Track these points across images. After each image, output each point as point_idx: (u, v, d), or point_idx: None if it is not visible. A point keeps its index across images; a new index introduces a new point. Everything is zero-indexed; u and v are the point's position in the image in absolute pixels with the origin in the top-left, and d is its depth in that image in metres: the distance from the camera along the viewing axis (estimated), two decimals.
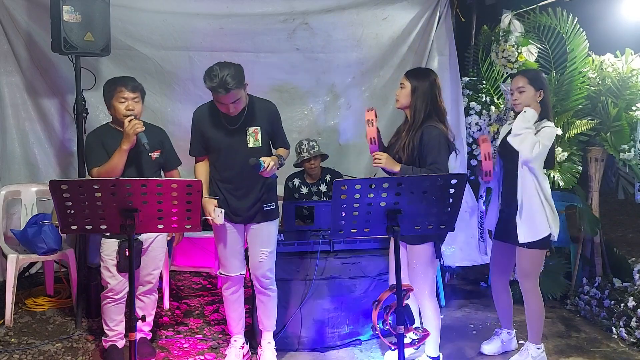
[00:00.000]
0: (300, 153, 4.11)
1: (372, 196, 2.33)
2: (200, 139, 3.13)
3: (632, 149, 3.93)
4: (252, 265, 3.21)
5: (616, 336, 3.70)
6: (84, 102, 3.66)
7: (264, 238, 3.18)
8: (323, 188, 4.20)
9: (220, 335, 3.66)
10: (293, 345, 3.48)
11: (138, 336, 2.83)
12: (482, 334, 3.72)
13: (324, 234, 3.48)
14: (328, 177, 4.20)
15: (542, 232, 3.07)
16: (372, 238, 3.51)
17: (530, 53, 4.29)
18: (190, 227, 2.46)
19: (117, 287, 3.16)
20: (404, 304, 2.43)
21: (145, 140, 3.05)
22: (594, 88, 4.14)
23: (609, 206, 6.55)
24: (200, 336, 3.67)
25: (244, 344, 3.36)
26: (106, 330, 3.25)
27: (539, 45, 4.34)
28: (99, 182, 2.32)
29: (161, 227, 2.45)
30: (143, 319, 2.41)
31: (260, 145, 3.09)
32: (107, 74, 3.94)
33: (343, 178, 4.11)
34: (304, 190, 4.21)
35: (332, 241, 3.49)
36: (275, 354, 3.30)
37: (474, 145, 4.50)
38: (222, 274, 3.25)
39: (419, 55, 4.60)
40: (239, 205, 3.12)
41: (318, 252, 3.44)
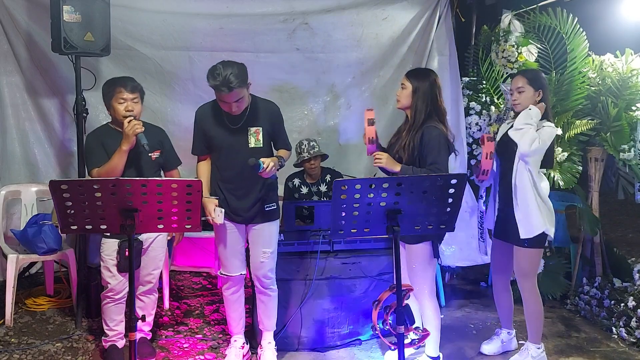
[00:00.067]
0: (301, 153, 4.11)
1: (372, 196, 2.33)
2: (203, 137, 3.13)
3: (632, 149, 3.93)
4: (254, 265, 3.22)
5: (616, 336, 3.70)
6: (84, 102, 3.67)
7: (265, 238, 3.18)
8: (323, 188, 4.20)
9: (220, 335, 3.66)
10: (293, 345, 3.48)
11: (138, 336, 2.83)
12: (482, 334, 3.73)
13: (324, 234, 3.48)
14: (328, 177, 4.20)
15: (536, 230, 3.07)
16: (372, 238, 3.51)
17: (530, 53, 4.29)
18: (190, 227, 2.46)
19: (117, 287, 3.16)
20: (404, 304, 2.44)
21: (144, 141, 3.04)
22: (594, 88, 4.14)
23: (609, 206, 6.56)
24: (200, 336, 3.67)
25: (244, 343, 3.36)
26: (106, 330, 3.25)
27: (539, 45, 4.34)
28: (99, 182, 2.32)
29: (161, 227, 2.45)
30: (143, 319, 2.41)
31: (262, 146, 3.09)
32: (107, 74, 3.94)
33: (343, 178, 4.11)
34: (304, 190, 4.21)
35: (332, 241, 3.49)
36: (276, 354, 3.30)
37: (474, 145, 4.50)
38: (222, 274, 3.25)
39: (419, 55, 4.60)
40: (239, 205, 3.12)
41: (318, 252, 3.44)
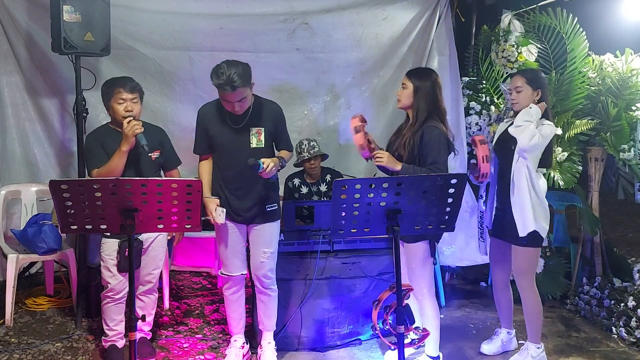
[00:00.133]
0: (301, 153, 4.11)
1: (372, 196, 2.33)
2: (205, 136, 3.13)
3: (632, 148, 3.93)
4: (254, 265, 3.21)
5: (616, 336, 3.70)
6: (84, 102, 3.67)
7: (266, 239, 3.18)
8: (323, 188, 4.20)
9: (220, 335, 3.66)
10: (293, 345, 3.48)
11: (138, 336, 2.83)
12: (482, 334, 3.72)
13: (324, 233, 3.48)
14: (328, 177, 4.20)
15: (529, 226, 3.08)
16: (372, 238, 3.51)
17: (530, 53, 4.29)
18: (190, 227, 2.46)
19: (117, 287, 3.16)
20: (404, 304, 2.44)
21: (144, 141, 3.04)
22: (594, 88, 4.14)
23: (609, 206, 6.56)
24: (200, 336, 3.67)
25: (244, 343, 3.36)
26: (106, 330, 3.25)
27: (539, 45, 4.33)
28: (99, 182, 2.31)
29: (161, 227, 2.45)
30: (143, 319, 2.41)
31: (263, 146, 3.09)
32: (107, 74, 3.94)
33: (343, 178, 4.11)
34: (304, 190, 4.21)
35: (332, 241, 3.49)
36: (276, 354, 3.30)
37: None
38: (223, 273, 3.25)
39: (419, 55, 4.60)
40: (240, 205, 3.12)
41: (318, 252, 3.44)
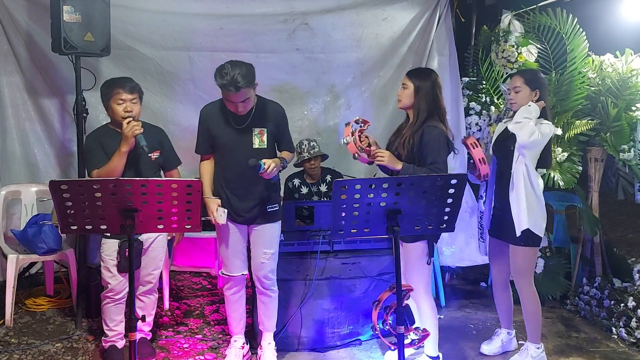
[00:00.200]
0: (301, 153, 4.11)
1: (372, 196, 2.33)
2: (207, 136, 3.12)
3: (632, 149, 3.93)
4: (255, 266, 3.21)
5: (616, 336, 3.70)
6: (84, 102, 3.67)
7: (267, 239, 3.18)
8: (323, 188, 4.20)
9: (220, 336, 3.66)
10: (293, 345, 3.48)
11: (138, 336, 2.82)
12: (482, 334, 3.73)
13: (324, 234, 3.48)
14: (328, 177, 4.20)
15: (522, 225, 3.08)
16: (372, 238, 3.51)
17: (530, 53, 4.29)
18: (190, 227, 2.46)
19: (117, 287, 3.16)
20: (404, 304, 2.44)
21: (144, 142, 3.03)
22: (593, 88, 4.14)
23: (609, 206, 6.56)
24: (200, 336, 3.67)
25: (244, 344, 3.36)
26: (106, 331, 3.25)
27: (539, 46, 4.33)
28: (99, 182, 2.32)
29: (161, 227, 2.45)
30: (143, 319, 2.41)
31: (266, 147, 3.09)
32: (107, 74, 3.94)
33: (343, 178, 4.11)
34: (304, 190, 4.21)
35: (332, 241, 3.49)
36: (276, 354, 3.30)
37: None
38: (224, 274, 3.25)
39: (418, 56, 4.61)
40: (241, 206, 3.11)
41: (318, 252, 3.45)
